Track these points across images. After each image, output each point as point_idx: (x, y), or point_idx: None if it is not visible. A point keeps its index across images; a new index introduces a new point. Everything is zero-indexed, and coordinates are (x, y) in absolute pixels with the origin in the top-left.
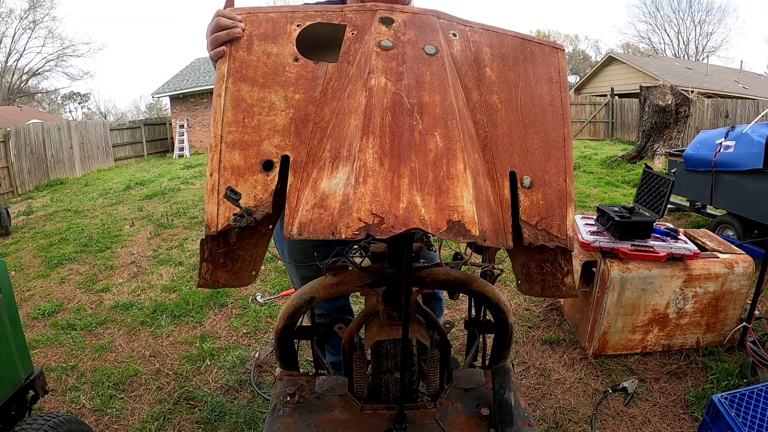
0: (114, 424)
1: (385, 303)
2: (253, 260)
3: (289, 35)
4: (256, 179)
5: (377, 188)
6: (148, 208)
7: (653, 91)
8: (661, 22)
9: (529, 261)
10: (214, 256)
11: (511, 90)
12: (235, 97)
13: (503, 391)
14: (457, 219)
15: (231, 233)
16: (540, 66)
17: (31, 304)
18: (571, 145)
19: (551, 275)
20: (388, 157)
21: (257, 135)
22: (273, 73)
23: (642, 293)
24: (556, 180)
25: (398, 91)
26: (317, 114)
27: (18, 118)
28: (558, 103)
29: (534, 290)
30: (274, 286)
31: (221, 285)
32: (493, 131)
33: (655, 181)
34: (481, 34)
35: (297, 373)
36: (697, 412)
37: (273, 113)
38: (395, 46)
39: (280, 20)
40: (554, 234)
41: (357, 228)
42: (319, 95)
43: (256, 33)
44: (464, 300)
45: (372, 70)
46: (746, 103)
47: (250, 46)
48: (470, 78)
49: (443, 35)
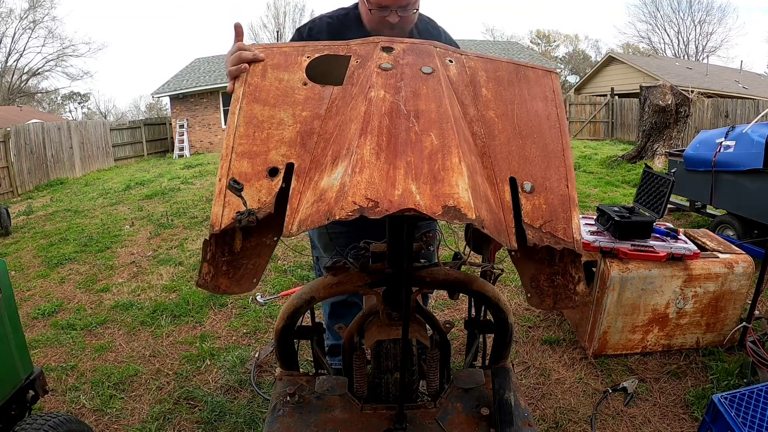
0: (114, 424)
1: (385, 303)
2: (256, 269)
3: (299, 65)
4: (261, 184)
5: (373, 177)
6: (148, 208)
7: (653, 91)
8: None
9: (538, 274)
10: (216, 261)
11: (506, 106)
12: (247, 114)
13: (503, 391)
14: (452, 204)
15: (236, 242)
16: (534, 86)
17: (31, 304)
18: (571, 154)
19: (563, 287)
20: (384, 152)
21: (265, 146)
22: (283, 95)
23: (642, 293)
24: (557, 186)
25: (396, 100)
26: (322, 127)
27: (18, 118)
28: (554, 117)
29: (545, 303)
30: (274, 286)
31: (221, 291)
32: (491, 141)
33: (655, 181)
34: (476, 61)
35: (297, 373)
36: (697, 412)
37: (281, 128)
38: (394, 68)
39: (292, 53)
40: (560, 237)
41: (351, 210)
42: (325, 112)
43: (270, 63)
44: (464, 300)
45: (372, 85)
46: (746, 103)
47: (264, 74)
48: (467, 96)
49: (440, 60)
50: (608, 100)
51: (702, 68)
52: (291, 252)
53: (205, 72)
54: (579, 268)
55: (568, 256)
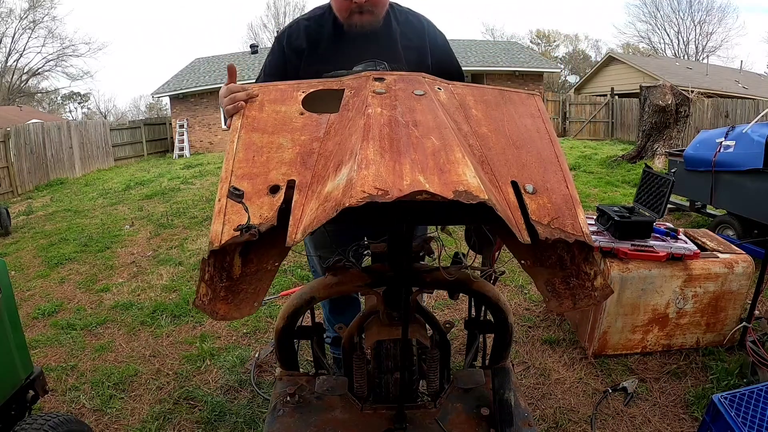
0: (114, 424)
1: (386, 303)
2: (257, 293)
3: (295, 99)
4: (262, 201)
5: (380, 171)
6: (148, 208)
7: (653, 91)
8: (661, 22)
9: (552, 278)
10: (215, 285)
11: (497, 123)
12: (246, 142)
13: (503, 391)
14: (463, 189)
15: (234, 268)
16: (520, 106)
17: (31, 304)
18: (565, 160)
19: (579, 288)
20: (388, 153)
21: (265, 167)
22: (281, 123)
23: (642, 293)
24: (558, 187)
25: (393, 114)
26: (321, 147)
27: (18, 118)
28: (544, 130)
29: (565, 305)
30: (274, 285)
31: (220, 317)
32: (488, 151)
33: (655, 180)
34: (463, 88)
35: (297, 373)
36: (697, 412)
37: (281, 151)
38: (388, 92)
39: (288, 89)
40: (570, 231)
41: (361, 197)
42: (323, 135)
43: (267, 99)
44: (464, 300)
45: (369, 104)
46: (746, 102)
47: (262, 108)
48: (459, 116)
49: (429, 87)
50: (608, 100)
51: (702, 68)
52: (291, 252)
53: (205, 72)
54: (593, 263)
55: (579, 255)
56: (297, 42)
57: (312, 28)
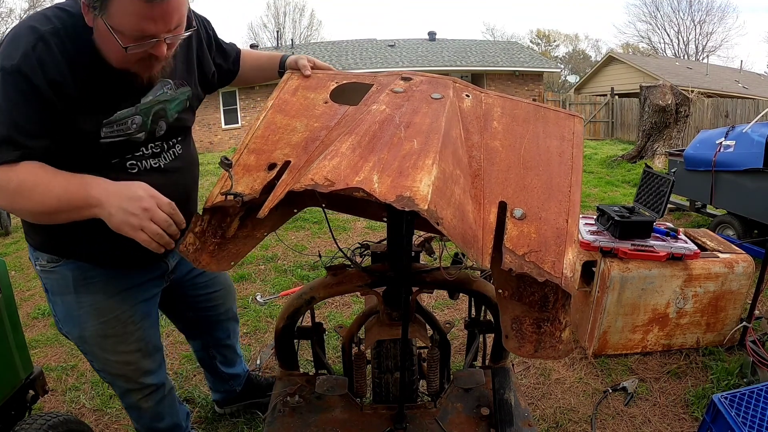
0: (114, 424)
1: (386, 303)
2: (237, 254)
3: (327, 88)
4: (258, 175)
5: (340, 164)
6: None
7: (653, 90)
8: (661, 21)
9: (523, 317)
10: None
11: (515, 139)
12: (269, 120)
13: (503, 391)
14: (408, 195)
15: (230, 228)
16: (552, 126)
17: (31, 304)
18: (579, 192)
19: (549, 335)
20: (360, 149)
21: (274, 146)
22: (304, 109)
23: (642, 293)
24: (555, 218)
25: (393, 113)
26: (327, 136)
27: None
28: (568, 156)
29: (524, 350)
30: (274, 286)
31: (200, 266)
32: (488, 166)
33: (655, 180)
34: (495, 99)
35: (297, 373)
36: (697, 411)
37: (293, 134)
38: (405, 91)
39: (324, 78)
40: (546, 270)
41: (306, 184)
42: (334, 124)
43: (303, 85)
44: (464, 300)
45: (377, 101)
46: (746, 102)
47: (295, 92)
48: (474, 125)
49: (455, 92)
50: (608, 100)
51: (702, 68)
52: (291, 252)
53: None
54: (567, 312)
55: (561, 300)
56: (57, 78)
57: (69, 53)
